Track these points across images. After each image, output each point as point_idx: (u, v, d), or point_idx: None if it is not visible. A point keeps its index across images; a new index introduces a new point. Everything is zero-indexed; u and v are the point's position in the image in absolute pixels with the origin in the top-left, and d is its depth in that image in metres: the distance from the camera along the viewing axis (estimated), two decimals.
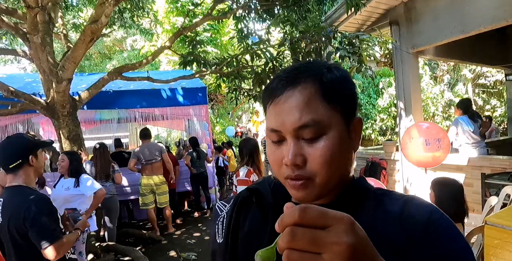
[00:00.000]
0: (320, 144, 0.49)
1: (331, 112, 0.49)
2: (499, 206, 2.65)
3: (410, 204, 0.52)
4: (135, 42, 14.65)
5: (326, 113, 0.49)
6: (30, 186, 1.55)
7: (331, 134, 0.49)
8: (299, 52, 3.57)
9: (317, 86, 0.49)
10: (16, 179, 1.53)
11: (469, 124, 3.95)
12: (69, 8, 5.74)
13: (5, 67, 15.18)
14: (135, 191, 4.86)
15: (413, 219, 0.50)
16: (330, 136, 0.49)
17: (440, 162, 2.85)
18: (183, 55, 4.33)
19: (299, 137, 0.49)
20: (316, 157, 0.49)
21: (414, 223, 0.50)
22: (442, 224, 0.50)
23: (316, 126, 0.48)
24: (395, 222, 0.50)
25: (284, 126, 0.49)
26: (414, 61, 4.42)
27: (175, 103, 5.06)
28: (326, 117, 0.49)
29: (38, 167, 1.60)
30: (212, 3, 3.96)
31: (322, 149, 0.48)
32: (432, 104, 9.51)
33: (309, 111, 0.48)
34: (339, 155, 0.50)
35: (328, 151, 0.48)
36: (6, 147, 1.58)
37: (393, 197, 0.55)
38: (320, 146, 0.49)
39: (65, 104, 3.23)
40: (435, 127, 2.98)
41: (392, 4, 4.38)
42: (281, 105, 0.50)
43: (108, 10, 2.65)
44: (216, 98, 11.27)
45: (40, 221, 1.41)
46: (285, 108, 0.49)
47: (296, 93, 0.49)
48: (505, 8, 3.23)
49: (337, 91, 0.50)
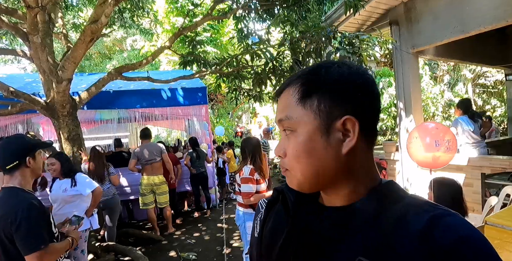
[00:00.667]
0: (292, 139, 0.54)
1: (303, 112, 0.53)
2: (499, 206, 2.65)
3: (435, 222, 0.44)
4: (135, 42, 14.65)
5: (299, 112, 0.53)
6: (25, 188, 1.53)
7: (300, 131, 0.53)
8: (299, 52, 3.57)
9: (299, 87, 0.54)
10: (12, 180, 1.51)
11: (469, 124, 3.95)
12: (69, 8, 5.74)
13: (5, 67, 15.19)
14: (135, 191, 4.86)
15: (434, 243, 0.43)
16: (299, 132, 0.53)
17: (447, 162, 2.83)
18: (183, 55, 4.33)
19: (284, 130, 0.56)
20: (288, 150, 0.55)
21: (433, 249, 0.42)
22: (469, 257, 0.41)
23: (287, 121, 0.54)
24: (413, 243, 0.44)
25: (276, 120, 0.58)
26: (414, 61, 4.42)
27: (175, 103, 5.06)
28: (297, 116, 0.53)
29: (36, 168, 1.58)
30: (212, 3, 3.96)
31: (292, 143, 0.54)
32: (432, 104, 9.50)
33: (286, 110, 0.55)
34: (309, 152, 0.52)
35: (296, 146, 0.53)
36: (4, 147, 1.57)
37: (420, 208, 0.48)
38: (291, 140, 0.54)
39: (65, 104, 3.23)
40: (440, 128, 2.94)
41: (392, 4, 4.38)
42: (279, 101, 0.58)
43: (108, 10, 2.65)
44: (216, 98, 11.28)
45: (26, 227, 1.37)
46: (279, 104, 0.58)
47: (282, 96, 0.57)
48: (505, 8, 3.23)
49: (314, 92, 0.52)
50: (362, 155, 0.53)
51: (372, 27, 4.75)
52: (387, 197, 0.52)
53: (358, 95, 0.52)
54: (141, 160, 4.36)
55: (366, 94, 0.52)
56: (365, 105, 0.52)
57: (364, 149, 0.53)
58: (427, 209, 0.47)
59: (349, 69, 0.53)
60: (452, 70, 10.49)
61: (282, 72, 3.75)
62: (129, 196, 4.95)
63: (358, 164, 0.53)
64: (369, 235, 0.48)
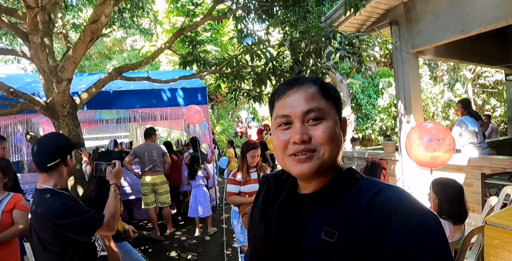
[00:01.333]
0: (322, 125, 0.64)
1: (328, 105, 0.66)
2: (499, 206, 2.65)
3: (379, 193, 0.57)
4: (135, 42, 14.64)
5: (326, 105, 0.65)
6: (62, 187, 1.52)
7: (329, 120, 0.64)
8: (299, 53, 3.57)
9: (318, 87, 0.67)
10: (48, 180, 1.48)
11: (474, 125, 3.95)
12: (69, 8, 5.74)
13: (5, 67, 15.18)
14: (135, 191, 4.86)
15: (375, 210, 0.55)
16: (328, 121, 0.64)
17: (445, 162, 2.85)
18: (183, 55, 4.32)
19: (304, 120, 0.64)
20: (319, 134, 0.63)
21: (375, 215, 0.54)
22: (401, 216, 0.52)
23: (319, 112, 0.64)
24: (363, 213, 0.56)
25: (293, 112, 0.65)
26: (414, 61, 4.42)
27: (175, 103, 5.06)
28: (326, 107, 0.65)
29: (72, 167, 1.59)
30: (212, 3, 3.96)
31: (324, 129, 0.63)
32: (432, 104, 9.51)
33: (314, 101, 0.65)
34: (335, 138, 0.64)
35: (328, 131, 0.63)
36: (46, 145, 1.52)
37: (371, 185, 0.61)
38: (322, 127, 0.64)
39: (65, 104, 3.23)
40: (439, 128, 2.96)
41: (392, 4, 4.38)
42: (291, 96, 0.66)
43: (108, 10, 2.65)
44: (216, 98, 11.28)
45: (74, 223, 1.41)
46: (295, 98, 0.66)
47: (303, 89, 0.66)
48: (505, 8, 3.23)
49: (331, 95, 0.67)
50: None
51: (372, 27, 4.75)
52: (345, 181, 0.64)
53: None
54: (140, 158, 4.36)
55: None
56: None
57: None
58: (374, 185, 0.60)
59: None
60: (452, 70, 10.49)
61: (282, 73, 3.75)
62: (129, 196, 4.95)
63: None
64: (332, 211, 0.60)
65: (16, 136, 5.24)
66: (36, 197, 1.48)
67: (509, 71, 6.22)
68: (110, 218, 1.49)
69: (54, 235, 1.42)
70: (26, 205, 2.07)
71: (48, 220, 1.39)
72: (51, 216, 1.39)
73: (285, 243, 0.64)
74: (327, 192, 0.64)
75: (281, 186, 0.74)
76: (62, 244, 1.44)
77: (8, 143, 4.87)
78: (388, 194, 0.57)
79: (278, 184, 0.75)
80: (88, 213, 1.47)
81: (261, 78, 3.67)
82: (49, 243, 1.45)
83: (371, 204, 0.55)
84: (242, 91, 4.34)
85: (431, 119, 9.44)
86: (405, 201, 0.55)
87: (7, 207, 2.03)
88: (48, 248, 1.45)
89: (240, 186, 2.77)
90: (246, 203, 2.73)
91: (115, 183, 1.67)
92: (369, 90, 10.35)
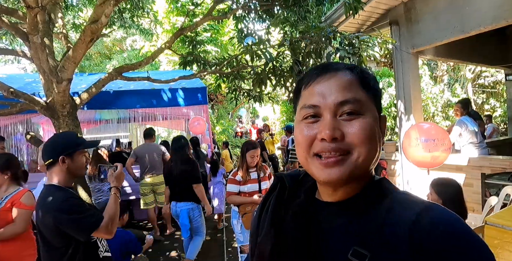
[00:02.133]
0: (359, 121, 0.52)
1: (368, 98, 0.54)
2: (499, 206, 2.65)
3: (427, 213, 0.48)
4: (135, 42, 14.63)
5: (364, 97, 0.54)
6: (66, 185, 1.56)
7: (368, 116, 0.53)
8: (299, 53, 3.57)
9: (356, 76, 0.55)
10: (51, 177, 1.55)
11: (473, 125, 3.97)
12: (69, 8, 5.74)
13: (5, 67, 15.17)
14: (135, 191, 4.86)
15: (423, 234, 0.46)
16: (367, 116, 0.53)
17: (442, 162, 2.85)
18: (183, 55, 4.32)
19: (337, 114, 0.53)
20: (355, 131, 0.52)
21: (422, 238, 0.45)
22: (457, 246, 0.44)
23: (356, 104, 0.52)
24: (404, 233, 0.46)
25: (324, 102, 0.53)
26: (414, 61, 4.42)
27: (175, 103, 5.06)
28: (365, 100, 0.54)
29: (73, 168, 1.56)
30: (212, 3, 3.96)
31: (361, 126, 0.52)
32: (432, 104, 9.50)
33: (351, 91, 0.53)
34: (374, 138, 0.53)
35: (366, 129, 0.52)
36: (47, 144, 1.59)
37: (412, 201, 0.51)
38: (359, 123, 0.52)
39: (65, 104, 3.23)
40: (435, 128, 2.98)
41: (392, 4, 4.38)
42: (323, 83, 0.55)
43: (108, 10, 2.65)
44: (216, 98, 11.27)
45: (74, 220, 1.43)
46: (328, 86, 0.54)
47: (338, 76, 0.55)
48: (505, 8, 3.23)
49: (371, 85, 0.56)
50: None
51: (372, 27, 4.75)
52: (379, 192, 0.54)
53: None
54: (140, 159, 4.36)
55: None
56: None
57: None
58: (415, 201, 0.51)
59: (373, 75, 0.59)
60: (452, 70, 10.49)
61: (282, 73, 3.75)
62: (129, 196, 4.95)
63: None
64: (363, 227, 0.50)
65: (16, 136, 5.24)
66: (42, 192, 1.53)
67: (509, 71, 6.22)
68: (109, 221, 1.50)
69: (55, 232, 1.44)
70: (27, 202, 2.05)
71: (50, 214, 1.42)
72: (53, 210, 1.42)
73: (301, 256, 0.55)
74: (357, 203, 0.53)
75: (296, 188, 0.64)
76: (63, 242, 1.46)
77: (8, 143, 4.87)
78: (438, 215, 0.47)
79: (294, 186, 0.64)
80: (88, 212, 1.48)
81: (261, 78, 3.67)
82: (50, 240, 1.47)
83: (416, 224, 0.46)
84: (242, 91, 4.34)
85: (431, 120, 9.44)
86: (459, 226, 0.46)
87: (6, 204, 2.01)
88: (50, 246, 1.48)
89: (239, 185, 2.78)
90: (246, 203, 2.73)
91: (116, 186, 1.67)
92: None
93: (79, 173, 1.61)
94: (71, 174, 1.57)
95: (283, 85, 3.81)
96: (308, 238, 0.54)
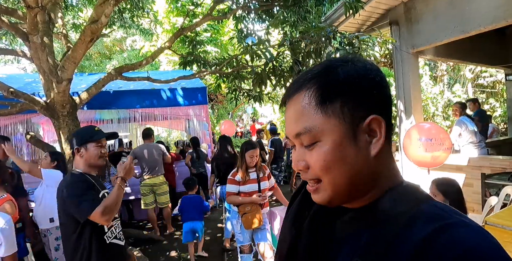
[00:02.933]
0: (316, 150, 0.49)
1: (325, 118, 0.48)
2: (499, 206, 2.65)
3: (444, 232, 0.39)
4: (135, 42, 14.64)
5: (320, 120, 0.48)
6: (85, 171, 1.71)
7: (325, 140, 0.48)
8: (299, 53, 3.57)
9: (312, 94, 0.49)
10: (74, 165, 1.74)
11: (472, 125, 3.98)
12: (69, 8, 5.74)
13: (5, 67, 15.17)
14: (135, 191, 4.86)
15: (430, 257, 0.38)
16: (324, 142, 0.48)
17: (442, 162, 2.85)
18: (183, 55, 4.33)
19: (300, 144, 0.51)
20: (313, 162, 0.49)
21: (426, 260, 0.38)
22: None
23: (309, 134, 0.48)
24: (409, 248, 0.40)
25: (288, 135, 0.53)
26: (414, 61, 4.42)
27: (175, 103, 5.06)
28: (319, 124, 0.48)
29: (87, 157, 1.70)
30: (212, 3, 3.96)
31: (318, 155, 0.48)
32: (432, 104, 9.50)
33: (302, 120, 0.49)
34: (339, 160, 0.47)
35: (323, 156, 0.48)
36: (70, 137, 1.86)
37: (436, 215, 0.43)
38: (316, 152, 0.49)
39: (65, 104, 3.23)
40: (436, 128, 2.98)
41: (392, 4, 4.38)
42: (287, 111, 0.53)
43: (108, 10, 2.65)
44: (216, 98, 11.28)
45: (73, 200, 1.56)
46: (287, 116, 0.52)
47: (292, 103, 0.51)
48: (505, 8, 3.24)
49: (335, 95, 0.48)
50: (387, 155, 0.50)
51: (372, 27, 4.75)
52: (403, 200, 0.47)
53: (378, 92, 0.49)
54: (140, 159, 4.35)
55: (384, 90, 0.50)
56: (385, 102, 0.50)
57: (388, 148, 0.50)
58: (439, 216, 0.42)
59: (364, 66, 0.50)
60: (452, 70, 10.49)
61: (282, 73, 3.75)
62: (129, 196, 4.95)
63: (385, 165, 0.50)
64: (372, 238, 0.46)
65: (16, 136, 5.24)
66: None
67: (509, 71, 6.22)
68: (104, 209, 1.53)
69: (62, 211, 1.61)
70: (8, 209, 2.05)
71: (59, 193, 1.61)
72: (63, 187, 1.61)
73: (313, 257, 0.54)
74: (372, 212, 0.49)
75: None
76: (70, 221, 1.58)
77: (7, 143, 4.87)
78: (460, 235, 0.38)
79: None
80: (88, 196, 1.58)
81: (261, 78, 3.67)
82: (62, 220, 1.63)
83: (426, 245, 0.38)
84: (242, 91, 4.34)
85: (431, 120, 9.44)
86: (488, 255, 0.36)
87: None
88: (63, 225, 1.64)
89: (239, 185, 2.77)
90: (245, 203, 2.73)
91: (122, 176, 1.71)
92: None
93: (93, 162, 1.71)
94: (87, 163, 1.71)
95: (283, 85, 3.81)
96: (321, 245, 0.53)
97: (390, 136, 0.50)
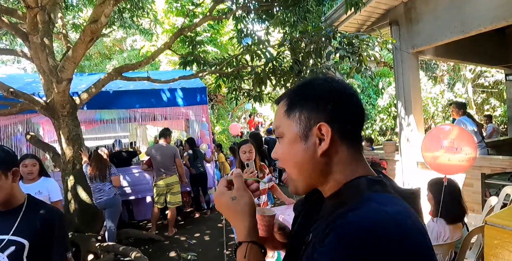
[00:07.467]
0: (280, 143, 0.66)
1: (288, 122, 0.64)
2: (499, 206, 2.65)
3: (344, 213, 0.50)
4: (135, 42, 14.62)
5: (284, 122, 0.64)
6: None
7: (284, 138, 0.64)
8: (299, 53, 3.57)
9: (285, 103, 0.66)
10: None
11: (472, 125, 3.98)
12: (69, 8, 5.74)
13: (5, 67, 15.17)
14: (136, 191, 4.86)
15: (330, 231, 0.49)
16: (284, 139, 0.65)
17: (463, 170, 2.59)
18: (183, 55, 4.32)
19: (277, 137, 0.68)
20: (277, 152, 0.67)
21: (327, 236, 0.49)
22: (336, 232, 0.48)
23: (278, 130, 0.66)
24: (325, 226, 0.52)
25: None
26: (414, 61, 4.42)
27: (175, 103, 5.06)
28: (283, 125, 0.65)
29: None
30: (212, 3, 3.96)
31: (281, 148, 0.66)
32: (432, 105, 9.50)
33: (276, 119, 0.67)
34: (290, 154, 0.63)
35: (283, 150, 0.65)
36: None
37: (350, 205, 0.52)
38: (280, 144, 0.66)
39: (65, 105, 3.23)
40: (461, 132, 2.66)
41: (392, 4, 4.38)
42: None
43: (107, 10, 2.65)
44: (216, 98, 11.27)
45: None
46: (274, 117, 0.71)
47: (278, 108, 0.68)
48: (505, 8, 3.24)
49: (295, 106, 0.63)
50: (340, 155, 0.60)
51: (372, 27, 4.76)
52: (347, 192, 0.58)
53: (334, 106, 0.59)
54: (153, 160, 4.41)
55: (342, 105, 0.60)
56: (342, 114, 0.60)
57: (344, 149, 0.60)
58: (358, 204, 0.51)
59: (330, 84, 0.62)
60: (452, 70, 10.50)
61: (282, 73, 3.75)
62: (130, 196, 4.94)
63: (338, 164, 0.61)
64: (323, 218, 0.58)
65: (16, 136, 5.24)
66: None
67: (509, 71, 6.23)
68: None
69: None
70: None
71: None
72: None
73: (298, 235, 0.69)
74: (331, 200, 0.61)
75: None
76: None
77: (8, 143, 4.87)
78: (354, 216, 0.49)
79: None
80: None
81: (261, 78, 3.67)
82: None
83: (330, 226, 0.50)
84: (242, 91, 4.34)
85: (431, 120, 9.45)
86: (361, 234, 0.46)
87: None
88: None
89: None
90: None
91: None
92: (369, 90, 10.36)
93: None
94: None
95: (283, 85, 3.81)
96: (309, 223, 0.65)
97: (351, 140, 0.61)
